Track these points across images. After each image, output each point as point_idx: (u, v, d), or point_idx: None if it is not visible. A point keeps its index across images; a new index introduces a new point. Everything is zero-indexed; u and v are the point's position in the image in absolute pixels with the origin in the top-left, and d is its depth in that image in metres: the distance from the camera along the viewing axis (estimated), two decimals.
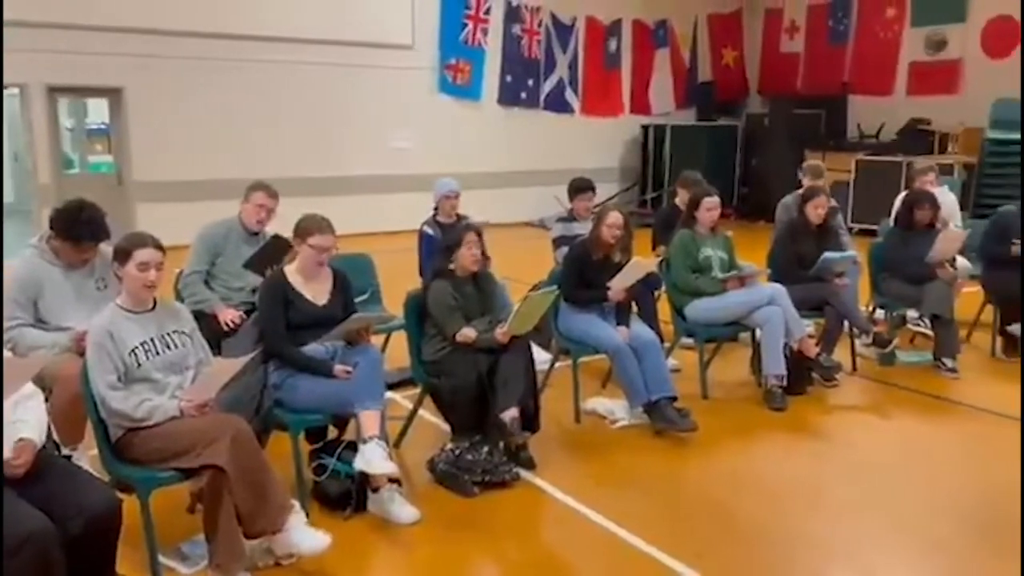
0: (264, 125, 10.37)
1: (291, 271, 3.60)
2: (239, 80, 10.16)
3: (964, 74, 11.71)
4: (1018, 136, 10.63)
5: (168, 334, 3.05)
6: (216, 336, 3.97)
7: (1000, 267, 5.59)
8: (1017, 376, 5.32)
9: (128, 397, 2.89)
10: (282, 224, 4.10)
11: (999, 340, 5.69)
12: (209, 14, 9.88)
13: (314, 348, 3.49)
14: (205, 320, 3.98)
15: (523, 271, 5.76)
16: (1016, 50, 11.05)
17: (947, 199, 6.31)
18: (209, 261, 4.34)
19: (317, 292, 3.58)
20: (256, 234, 4.42)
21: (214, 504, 2.80)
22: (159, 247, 3.01)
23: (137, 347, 2.95)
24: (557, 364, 4.77)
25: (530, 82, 12.52)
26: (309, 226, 3.54)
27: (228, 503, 2.78)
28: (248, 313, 4.11)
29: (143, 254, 2.95)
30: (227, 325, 4.15)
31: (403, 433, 4.11)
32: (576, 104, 13.02)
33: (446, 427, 3.95)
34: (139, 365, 2.94)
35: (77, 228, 3.49)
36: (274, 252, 4.19)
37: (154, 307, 3.07)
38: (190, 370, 3.08)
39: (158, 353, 2.99)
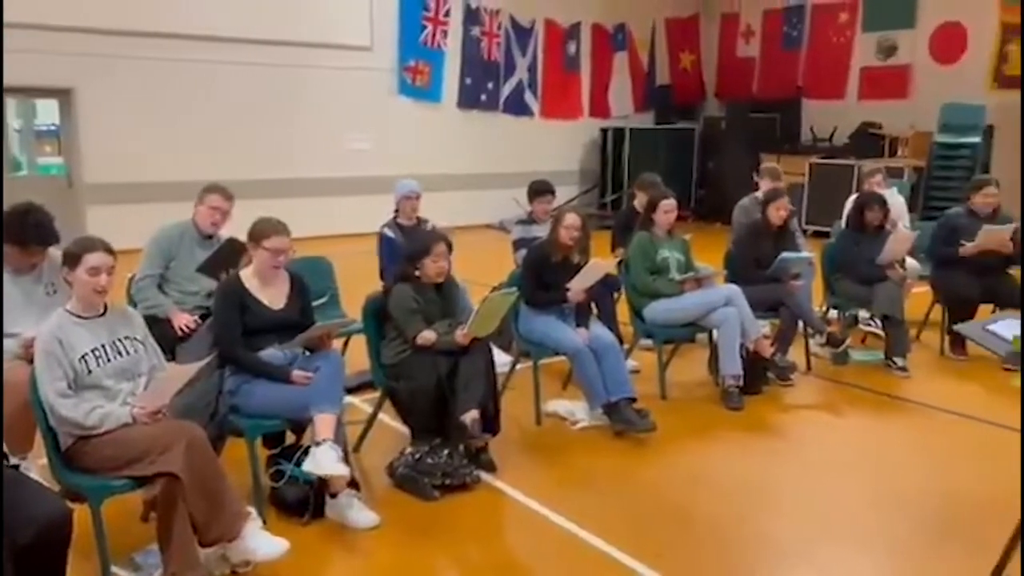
0: (219, 126, 10.22)
1: (247, 275, 3.55)
2: (193, 81, 10.00)
3: (913, 79, 12.00)
4: (965, 140, 10.95)
5: (119, 340, 2.99)
6: (170, 341, 3.91)
7: (948, 268, 5.74)
8: (965, 374, 5.47)
9: (78, 404, 2.83)
10: (237, 227, 4.04)
11: (947, 339, 5.84)
12: (164, 14, 9.71)
13: (271, 353, 3.45)
14: (159, 325, 3.90)
15: (483, 273, 5.77)
16: (964, 55, 11.37)
17: (895, 201, 6.46)
18: (162, 265, 4.26)
19: (273, 296, 3.54)
20: (210, 237, 4.36)
21: (168, 512, 2.75)
22: (110, 251, 2.95)
23: (87, 353, 2.89)
24: (518, 366, 4.78)
25: (490, 84, 12.53)
26: (263, 229, 3.50)
27: (182, 511, 2.74)
28: (203, 317, 4.06)
29: (93, 258, 2.89)
30: (181, 330, 4.08)
31: (362, 437, 4.09)
32: (536, 107, 13.07)
33: (406, 431, 3.93)
34: (89, 372, 2.88)
35: (24, 232, 3.40)
36: (229, 256, 4.13)
37: (105, 312, 3.01)
38: (143, 376, 3.02)
39: (109, 359, 2.93)
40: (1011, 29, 10.94)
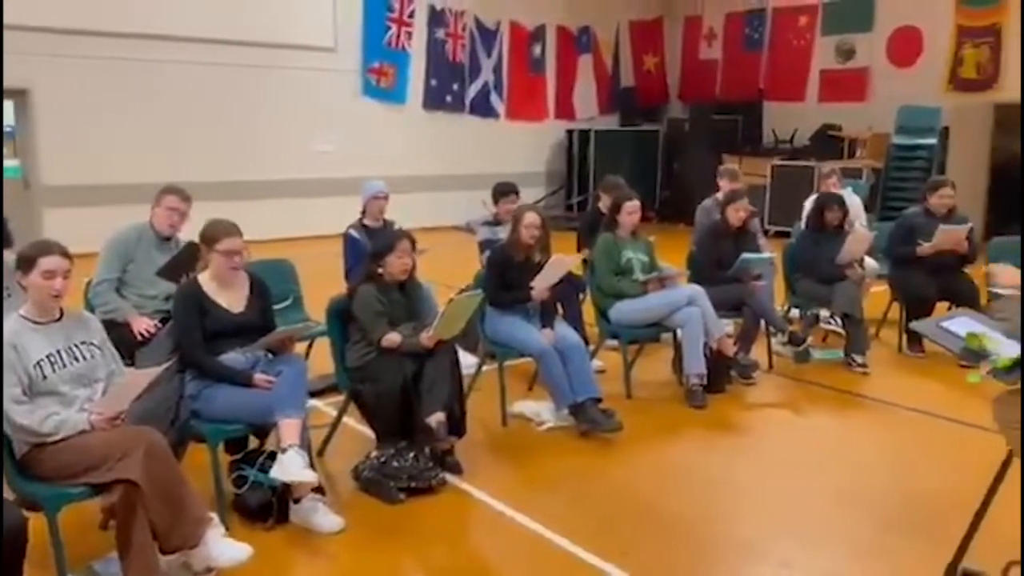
0: (180, 128, 10.07)
1: (205, 279, 3.50)
2: (154, 81, 9.84)
3: (871, 82, 12.22)
4: (921, 141, 11.19)
5: (76, 345, 2.93)
6: (129, 346, 3.85)
7: (906, 267, 5.85)
8: (923, 371, 5.58)
9: (34, 411, 2.77)
10: (197, 229, 3.98)
11: (905, 337, 5.95)
12: (124, 13, 9.55)
13: (233, 357, 3.41)
14: (118, 330, 3.84)
15: (449, 275, 5.75)
16: (920, 58, 11.61)
17: (852, 201, 6.57)
18: (120, 268, 4.19)
19: (233, 299, 3.50)
20: (168, 239, 4.29)
21: (127, 520, 2.71)
22: (66, 254, 2.90)
23: (43, 359, 2.83)
24: (484, 368, 4.77)
25: (455, 86, 12.52)
26: (215, 232, 3.46)
27: (142, 518, 2.69)
28: (163, 321, 3.99)
29: (48, 262, 2.84)
30: (140, 334, 4.01)
31: (327, 441, 4.05)
32: (501, 108, 13.08)
33: (371, 434, 3.90)
34: (45, 378, 2.82)
35: None
36: (189, 259, 4.08)
37: (61, 317, 2.95)
38: (100, 382, 2.97)
39: (65, 365, 2.87)
40: (965, 32, 11.20)
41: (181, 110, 10.08)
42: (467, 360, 4.63)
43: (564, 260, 4.64)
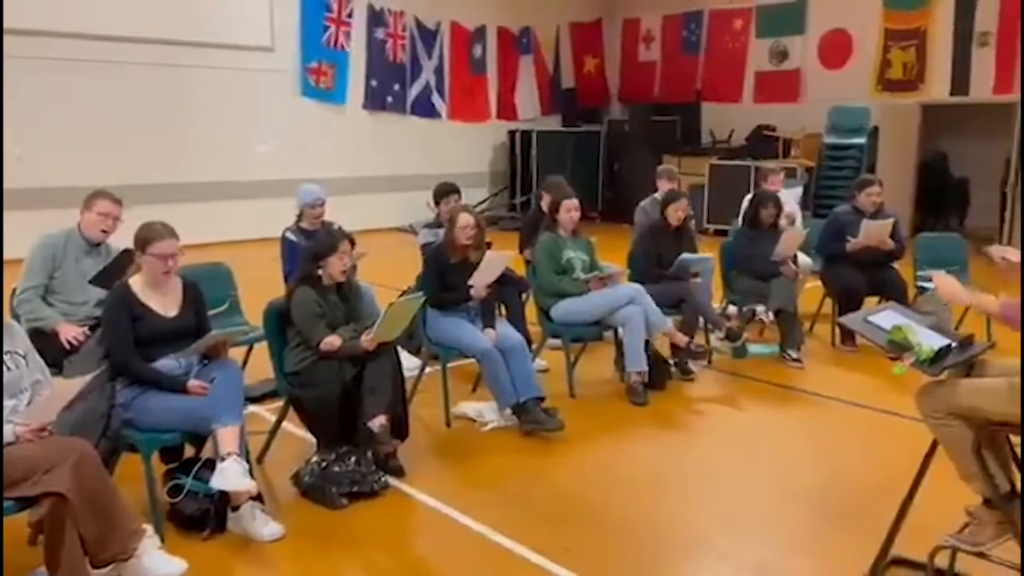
0: (110, 129, 9.76)
1: (136, 283, 3.40)
2: (82, 81, 9.52)
3: (804, 83, 12.54)
4: (851, 141, 11.53)
5: None
6: (57, 355, 3.71)
7: (837, 263, 6.02)
8: (855, 364, 5.74)
9: None
10: (128, 234, 3.88)
11: (838, 331, 6.12)
12: (49, 11, 9.21)
13: (166, 364, 3.33)
14: (45, 339, 3.72)
15: (391, 277, 5.72)
16: (850, 61, 11.96)
17: (789, 200, 6.73)
18: (46, 276, 4.03)
19: (166, 304, 3.41)
20: (98, 245, 4.16)
21: (56, 534, 2.62)
22: None
23: None
24: (427, 369, 4.75)
25: (396, 87, 12.43)
26: (148, 235, 3.37)
27: (71, 532, 2.61)
28: (92, 329, 3.87)
29: None
30: (69, 343, 3.88)
31: (266, 447, 3.99)
32: (444, 109, 13.03)
33: (311, 439, 3.86)
34: None
35: None
36: (124, 267, 3.96)
37: None
38: (25, 393, 2.88)
39: None
40: (892, 35, 11.57)
41: (113, 111, 9.78)
42: (410, 362, 4.61)
43: (499, 256, 4.66)
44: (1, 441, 2.67)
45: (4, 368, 2.84)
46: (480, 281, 4.49)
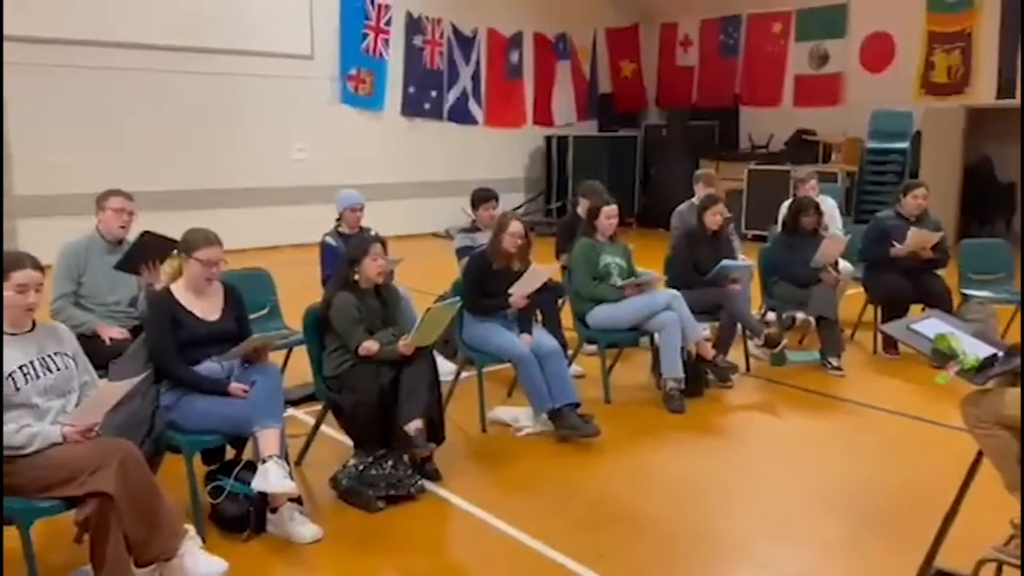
0: (156, 136, 9.97)
1: (178, 288, 3.47)
2: (130, 90, 9.73)
3: (845, 87, 12.37)
4: (894, 145, 11.33)
5: (49, 356, 2.90)
6: (103, 357, 3.78)
7: (880, 269, 5.91)
8: (897, 372, 5.64)
9: (6, 423, 2.73)
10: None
11: (880, 338, 6.01)
12: (98, 21, 9.44)
13: (208, 367, 3.39)
14: (88, 342, 3.79)
15: (428, 282, 5.74)
16: (892, 64, 11.77)
17: (827, 205, 6.64)
18: (74, 282, 4.09)
19: (207, 308, 3.48)
20: (120, 242, 4.22)
21: (101, 533, 2.68)
22: (38, 267, 2.87)
23: (15, 371, 2.80)
24: (463, 374, 4.77)
25: (433, 93, 12.52)
26: (195, 240, 3.44)
27: (116, 531, 2.67)
28: (133, 331, 3.95)
29: (21, 276, 2.80)
30: (112, 340, 3.96)
31: (305, 450, 4.04)
32: (480, 115, 13.09)
33: (349, 443, 3.90)
34: (18, 389, 2.79)
35: None
36: (146, 248, 4.03)
37: (34, 328, 2.92)
38: (74, 393, 2.94)
39: (38, 376, 2.84)
40: (936, 38, 11.37)
41: (158, 119, 10.00)
42: (446, 367, 4.64)
43: (542, 270, 4.65)
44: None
45: (54, 368, 2.90)
46: (521, 291, 4.50)
